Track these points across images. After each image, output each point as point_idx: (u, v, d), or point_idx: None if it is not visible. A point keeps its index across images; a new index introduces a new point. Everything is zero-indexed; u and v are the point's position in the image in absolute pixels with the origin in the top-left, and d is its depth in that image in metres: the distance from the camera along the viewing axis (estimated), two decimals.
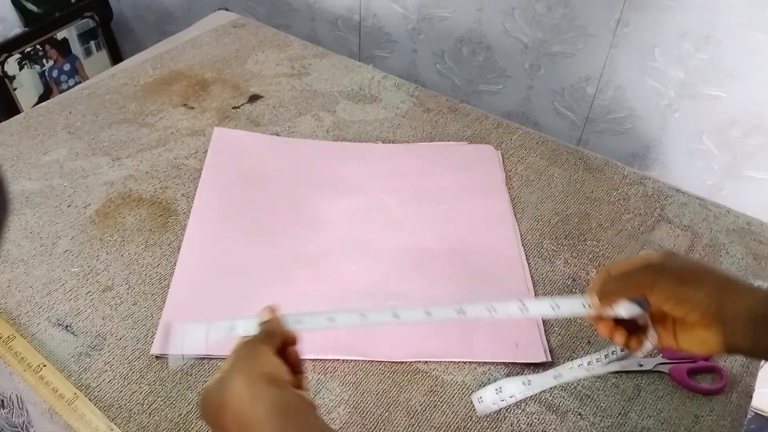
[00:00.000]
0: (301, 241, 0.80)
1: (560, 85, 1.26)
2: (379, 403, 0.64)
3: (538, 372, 0.63)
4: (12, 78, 1.67)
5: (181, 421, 0.62)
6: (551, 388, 0.66)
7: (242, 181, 0.87)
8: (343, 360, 0.68)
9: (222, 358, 0.66)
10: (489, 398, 0.60)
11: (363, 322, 0.53)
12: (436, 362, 0.68)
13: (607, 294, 0.51)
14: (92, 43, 1.85)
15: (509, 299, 0.53)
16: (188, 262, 0.76)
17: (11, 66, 1.66)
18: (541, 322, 0.72)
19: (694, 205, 0.89)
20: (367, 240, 0.80)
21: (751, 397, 0.67)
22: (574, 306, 0.53)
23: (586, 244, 0.82)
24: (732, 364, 0.69)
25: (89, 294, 0.73)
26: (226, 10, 1.31)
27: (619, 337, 0.52)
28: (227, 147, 0.93)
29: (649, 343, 0.51)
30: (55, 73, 1.77)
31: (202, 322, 0.53)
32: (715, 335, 0.48)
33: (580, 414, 0.64)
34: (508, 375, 0.67)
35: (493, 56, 1.30)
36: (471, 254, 0.78)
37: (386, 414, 0.64)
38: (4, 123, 0.97)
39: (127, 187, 0.86)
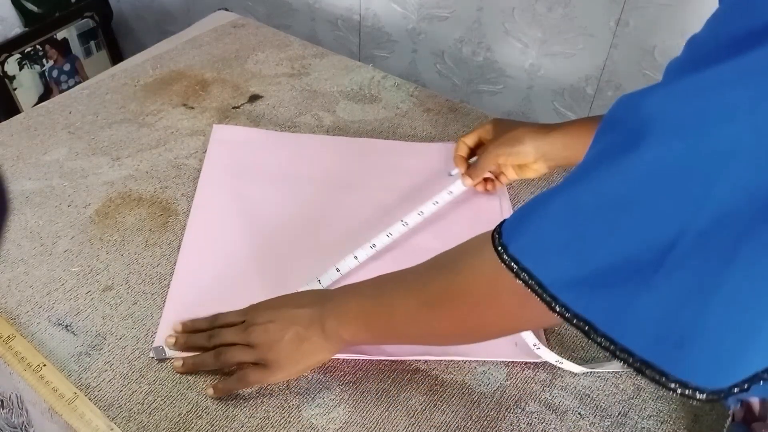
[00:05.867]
0: (300, 239, 0.80)
1: (560, 85, 1.26)
2: (378, 403, 0.64)
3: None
4: (12, 78, 1.67)
5: (181, 421, 0.62)
6: (550, 388, 0.66)
7: (242, 180, 0.87)
8: (343, 359, 0.68)
9: None
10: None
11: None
12: (436, 361, 0.68)
13: (473, 175, 0.83)
14: (92, 43, 1.85)
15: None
16: (188, 262, 0.76)
17: (11, 66, 1.66)
18: None
19: None
20: (366, 238, 0.80)
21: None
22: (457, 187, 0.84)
23: None
24: None
25: (89, 294, 0.73)
26: (226, 10, 1.31)
27: (481, 186, 0.86)
28: (226, 144, 0.93)
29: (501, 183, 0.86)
30: (55, 73, 1.77)
31: None
32: (542, 167, 0.80)
33: (580, 414, 0.64)
34: (508, 374, 0.67)
35: (493, 56, 1.30)
36: None
37: (386, 413, 0.64)
38: (4, 123, 0.97)
39: (127, 187, 0.86)
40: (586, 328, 0.40)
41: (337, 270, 0.75)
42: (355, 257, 0.76)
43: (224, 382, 0.63)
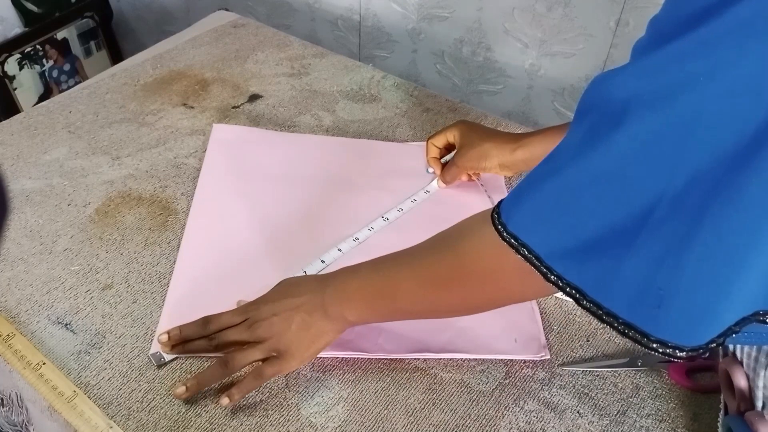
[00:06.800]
0: (298, 237, 0.80)
1: (560, 85, 1.26)
2: (377, 401, 0.64)
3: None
4: (12, 78, 1.67)
5: (180, 419, 0.62)
6: (549, 387, 0.66)
7: (241, 179, 0.87)
8: (342, 358, 0.68)
9: (216, 356, 0.67)
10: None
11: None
12: (435, 360, 0.68)
13: (446, 181, 0.88)
14: (92, 43, 1.85)
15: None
16: (187, 261, 0.76)
17: (11, 66, 1.66)
18: (539, 319, 0.72)
19: None
20: (366, 238, 0.80)
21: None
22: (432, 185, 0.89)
23: None
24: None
25: (89, 292, 0.73)
26: (226, 10, 1.31)
27: (465, 176, 0.89)
28: (226, 143, 0.93)
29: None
30: (55, 73, 1.77)
31: None
32: (508, 173, 0.87)
33: (578, 412, 0.64)
34: (506, 373, 0.67)
35: (493, 56, 1.30)
36: None
37: (385, 412, 0.64)
38: (4, 122, 0.97)
39: (127, 186, 0.86)
40: (577, 295, 0.43)
41: (323, 261, 0.77)
42: (339, 249, 0.78)
43: (240, 386, 0.62)
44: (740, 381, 0.56)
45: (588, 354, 0.69)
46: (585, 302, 0.42)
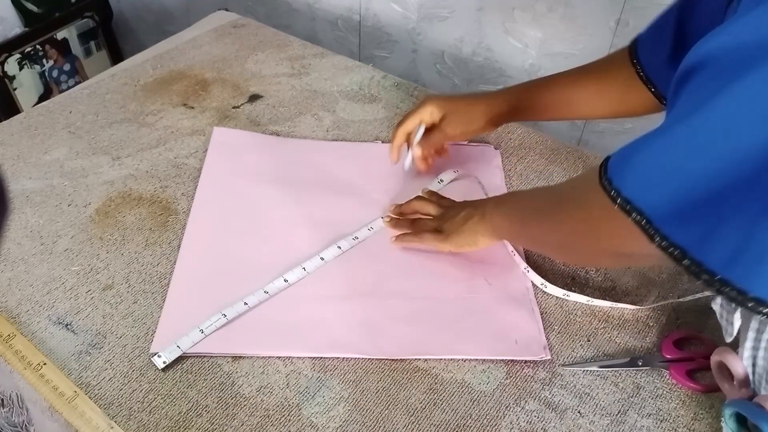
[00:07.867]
0: (299, 240, 0.80)
1: None
2: (378, 401, 0.64)
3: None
4: (12, 78, 1.67)
5: (181, 419, 0.62)
6: (550, 387, 0.66)
7: (241, 181, 0.87)
8: (343, 358, 0.68)
9: (216, 356, 0.67)
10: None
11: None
12: (436, 360, 0.68)
13: (430, 145, 0.86)
14: (92, 43, 1.85)
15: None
16: (188, 261, 0.76)
17: (11, 66, 1.66)
18: (540, 319, 0.72)
19: None
20: (365, 238, 0.81)
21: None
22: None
23: None
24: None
25: (89, 292, 0.73)
26: (226, 10, 1.31)
27: (424, 165, 0.89)
28: (227, 147, 0.93)
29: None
30: (55, 73, 1.78)
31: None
32: (490, 129, 0.87)
33: (579, 412, 0.64)
34: (507, 373, 0.67)
35: (493, 56, 1.30)
36: (470, 253, 0.78)
37: (386, 412, 0.64)
38: (4, 123, 0.97)
39: (128, 186, 0.86)
40: (678, 254, 0.44)
41: (322, 258, 0.77)
42: (339, 247, 0.79)
43: (404, 236, 0.79)
44: (738, 368, 0.56)
45: (589, 354, 0.70)
46: (685, 261, 0.44)
